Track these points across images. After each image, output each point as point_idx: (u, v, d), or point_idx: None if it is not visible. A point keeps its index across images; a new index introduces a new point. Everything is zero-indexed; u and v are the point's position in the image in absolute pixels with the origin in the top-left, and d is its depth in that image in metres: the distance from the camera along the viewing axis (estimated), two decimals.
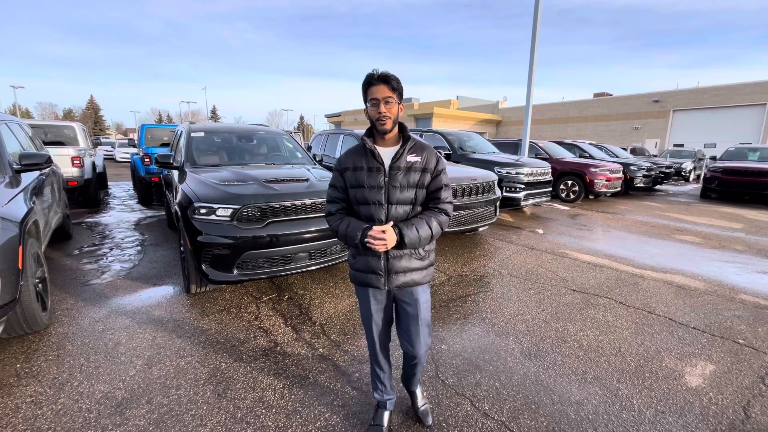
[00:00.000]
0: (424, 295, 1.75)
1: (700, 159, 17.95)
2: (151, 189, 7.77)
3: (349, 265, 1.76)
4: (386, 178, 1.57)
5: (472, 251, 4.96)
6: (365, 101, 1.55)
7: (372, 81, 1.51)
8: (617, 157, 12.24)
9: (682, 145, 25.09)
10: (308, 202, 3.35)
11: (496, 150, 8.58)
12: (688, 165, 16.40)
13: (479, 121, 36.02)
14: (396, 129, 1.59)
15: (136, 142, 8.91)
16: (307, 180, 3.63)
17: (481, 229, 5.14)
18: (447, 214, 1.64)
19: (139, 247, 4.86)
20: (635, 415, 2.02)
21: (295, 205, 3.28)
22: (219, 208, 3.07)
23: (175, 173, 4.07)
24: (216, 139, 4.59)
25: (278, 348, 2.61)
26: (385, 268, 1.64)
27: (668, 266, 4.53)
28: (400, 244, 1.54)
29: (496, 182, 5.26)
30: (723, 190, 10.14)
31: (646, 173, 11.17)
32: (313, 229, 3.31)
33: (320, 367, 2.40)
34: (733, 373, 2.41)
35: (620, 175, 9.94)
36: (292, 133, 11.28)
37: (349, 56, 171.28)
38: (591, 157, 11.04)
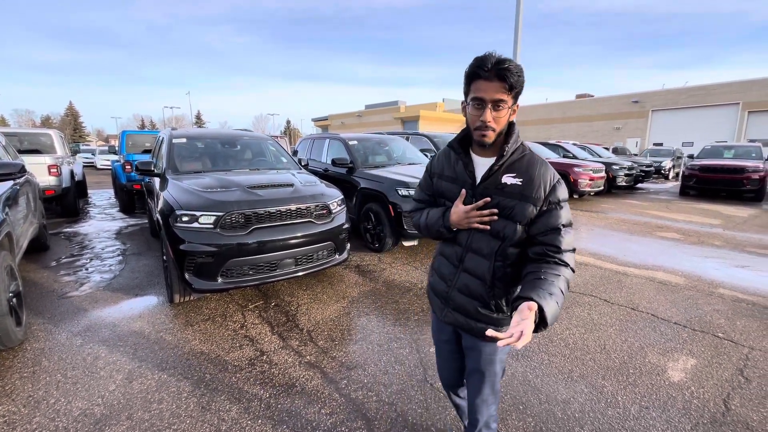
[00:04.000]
0: (489, 347, 1.30)
1: (679, 157, 18.48)
2: (133, 197, 7.59)
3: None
4: (474, 198, 1.19)
5: None
6: (466, 96, 1.14)
7: (481, 72, 1.06)
8: (600, 156, 12.50)
9: (661, 144, 25.76)
10: (293, 207, 3.32)
11: None
12: (667, 163, 16.85)
13: (465, 122, 36.38)
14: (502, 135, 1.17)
15: (116, 149, 8.70)
16: (291, 185, 3.59)
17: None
18: (568, 266, 1.12)
19: (120, 257, 4.73)
20: (620, 411, 2.05)
21: (279, 210, 3.24)
22: (202, 215, 3.01)
23: (157, 180, 3.98)
24: (199, 146, 4.51)
25: (264, 357, 2.56)
26: (446, 294, 1.32)
27: (650, 263, 4.63)
28: (539, 324, 1.00)
29: None
30: (701, 187, 10.46)
31: (628, 172, 11.43)
32: (298, 234, 3.28)
33: (307, 374, 2.36)
34: (713, 367, 2.47)
35: (603, 174, 10.15)
36: (278, 137, 11.19)
37: (335, 59, 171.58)
38: (575, 157, 11.25)
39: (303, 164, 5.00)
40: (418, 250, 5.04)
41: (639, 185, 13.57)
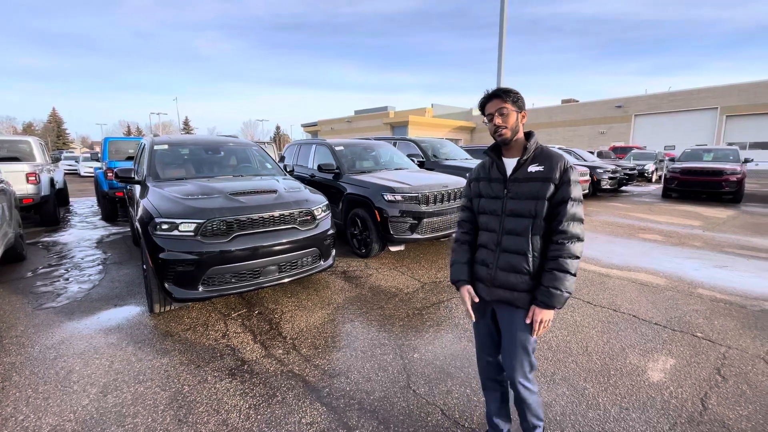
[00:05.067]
0: (525, 318, 1.54)
1: (661, 160, 18.93)
2: (115, 204, 7.45)
3: None
4: (506, 189, 1.53)
5: (447, 257, 5.00)
6: (484, 119, 1.58)
7: (485, 99, 1.54)
8: (585, 160, 12.72)
9: (644, 148, 26.40)
10: (276, 213, 3.29)
11: (469, 156, 8.74)
12: (650, 166, 17.24)
13: (454, 128, 36.76)
14: (521, 135, 1.55)
15: (99, 155, 8.53)
16: (275, 191, 3.56)
17: (454, 235, 5.19)
18: (574, 237, 1.44)
19: (100, 266, 4.62)
20: (600, 413, 2.07)
21: (262, 217, 3.21)
22: (182, 223, 2.96)
23: (137, 188, 3.91)
24: (181, 152, 4.45)
25: (246, 366, 2.52)
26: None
27: (632, 264, 4.71)
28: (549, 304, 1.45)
29: None
30: (682, 189, 10.71)
31: (612, 175, 11.65)
32: (282, 241, 3.25)
33: (289, 384, 2.33)
34: (691, 366, 2.51)
35: (588, 177, 10.33)
36: (265, 143, 11.11)
37: (325, 65, 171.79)
38: None
39: (288, 170, 4.98)
40: (405, 255, 5.04)
41: (623, 188, 13.84)
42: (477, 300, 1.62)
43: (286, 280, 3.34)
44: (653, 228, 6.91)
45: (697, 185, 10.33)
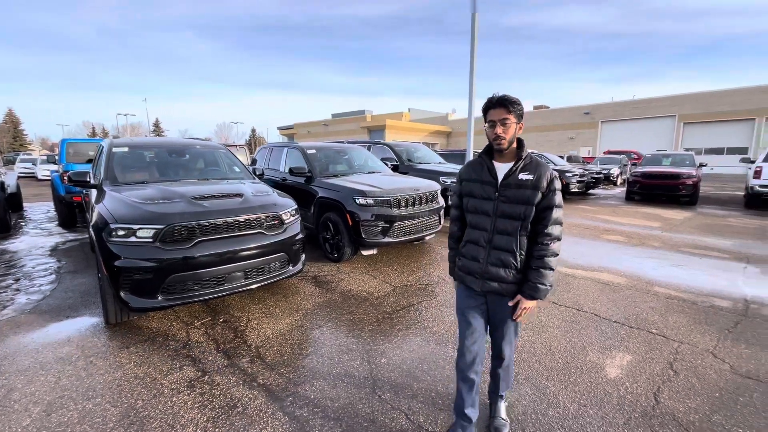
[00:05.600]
0: (513, 306, 1.77)
1: (625, 165, 19.86)
2: (73, 210, 7.05)
3: None
4: (497, 193, 1.66)
5: (419, 260, 5.03)
6: (485, 122, 1.65)
7: (490, 104, 1.63)
8: (555, 164, 13.17)
9: (636, 152, 27.61)
10: (242, 218, 3.20)
11: (443, 160, 8.86)
12: (615, 170, 18.05)
13: (430, 132, 37.23)
14: (515, 145, 1.67)
15: (56, 158, 8.07)
16: (241, 195, 3.47)
17: (427, 237, 5.23)
18: (556, 239, 1.65)
19: (53, 276, 4.35)
20: (560, 411, 2.11)
21: (227, 222, 3.12)
22: (140, 228, 2.83)
23: (94, 192, 3.71)
24: (143, 155, 4.27)
25: (206, 377, 2.42)
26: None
27: (596, 265, 4.89)
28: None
29: (439, 192, 5.40)
30: (644, 192, 11.26)
31: (580, 179, 12.11)
32: (247, 246, 3.16)
33: (251, 394, 2.25)
34: (646, 362, 2.62)
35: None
36: (237, 146, 10.85)
37: (303, 68, 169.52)
38: None
39: (258, 174, 4.87)
40: (378, 259, 5.03)
41: (590, 191, 14.41)
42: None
43: (253, 286, 3.25)
44: (617, 229, 7.22)
45: (657, 188, 10.89)
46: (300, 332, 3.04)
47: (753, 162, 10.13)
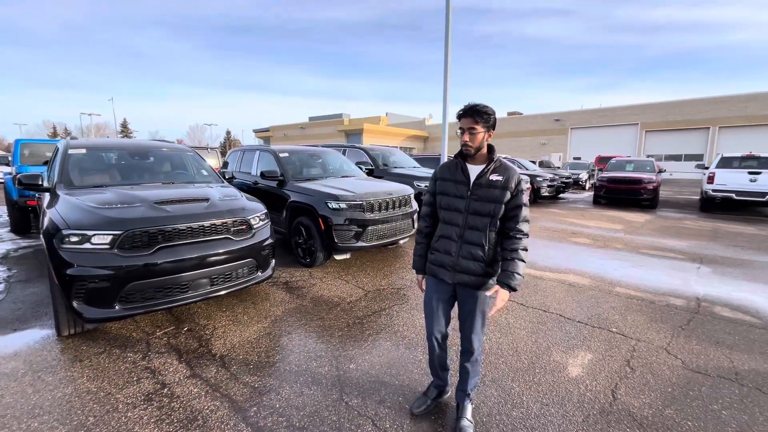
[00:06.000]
0: (482, 295, 1.92)
1: (593, 170, 20.75)
2: (27, 215, 6.62)
3: None
4: (469, 191, 1.82)
5: (392, 264, 5.04)
6: (457, 132, 1.85)
7: (461, 113, 1.79)
8: (527, 169, 13.57)
9: (579, 158, 28.79)
10: (207, 223, 3.10)
11: (417, 165, 8.95)
12: (584, 175, 18.82)
13: (408, 136, 37.56)
14: (485, 150, 1.84)
15: (10, 159, 7.58)
16: (207, 199, 3.37)
17: (401, 241, 5.25)
18: (526, 235, 1.81)
19: (1, 286, 4.06)
20: (524, 411, 2.16)
21: (191, 227, 3.01)
22: (95, 234, 2.69)
23: (47, 196, 3.50)
24: (102, 157, 4.08)
25: (166, 389, 2.32)
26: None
27: (563, 267, 5.05)
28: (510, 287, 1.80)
29: (412, 196, 5.44)
30: (609, 196, 11.79)
31: (550, 183, 12.53)
32: (213, 252, 3.07)
33: (213, 405, 2.18)
34: (606, 360, 2.72)
35: (528, 185, 11.00)
36: (207, 149, 10.55)
37: (279, 70, 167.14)
38: None
39: (228, 177, 4.75)
40: (351, 264, 5.00)
41: (561, 195, 14.94)
42: (423, 290, 2.07)
43: (220, 293, 3.15)
44: (584, 232, 7.51)
45: (621, 193, 11.43)
46: (268, 340, 2.97)
47: (707, 168, 10.81)
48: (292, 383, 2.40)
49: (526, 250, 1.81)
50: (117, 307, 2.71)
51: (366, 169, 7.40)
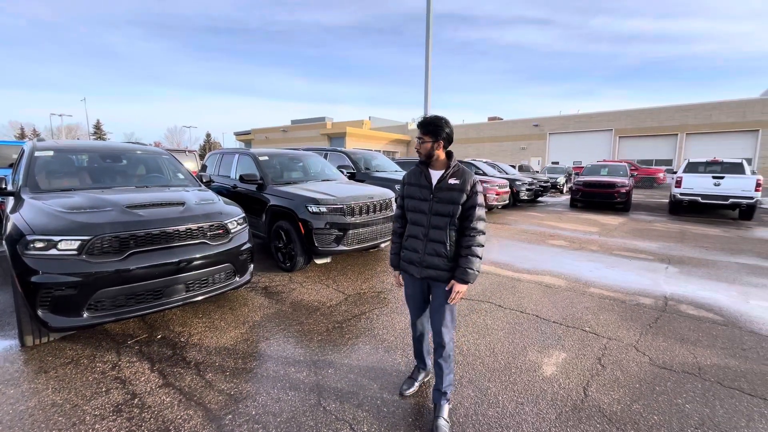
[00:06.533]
0: (448, 290, 2.06)
1: (570, 174, 21.38)
2: None
3: None
4: (432, 194, 2.02)
5: (374, 268, 5.04)
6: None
7: (417, 124, 2.05)
8: (507, 173, 13.86)
9: (557, 163, 29.63)
10: (182, 228, 3.04)
11: (399, 169, 9.01)
12: (561, 179, 19.36)
13: (391, 140, 37.73)
14: (442, 157, 2.05)
15: None
16: (182, 204, 3.29)
17: (382, 245, 5.26)
18: (480, 232, 1.99)
19: None
20: (499, 410, 2.20)
21: (165, 232, 2.94)
22: (62, 240, 2.59)
23: (11, 200, 3.35)
24: (71, 160, 3.93)
25: (136, 400, 2.25)
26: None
27: (540, 268, 5.18)
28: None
29: (393, 199, 5.47)
30: (585, 200, 12.17)
31: (529, 187, 12.84)
32: (188, 257, 3.00)
33: (186, 415, 2.12)
34: (579, 358, 2.81)
35: (507, 189, 11.23)
36: (186, 152, 10.32)
37: (261, 73, 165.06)
38: (484, 174, 12.30)
39: (205, 181, 4.66)
40: (331, 267, 4.98)
41: (539, 198, 15.31)
42: (402, 284, 2.27)
43: (196, 299, 3.08)
44: (560, 234, 7.71)
45: (596, 196, 11.81)
46: (245, 346, 2.92)
47: (675, 173, 11.31)
48: (269, 389, 2.37)
49: (482, 246, 1.98)
50: (85, 315, 2.61)
51: (348, 172, 7.40)
